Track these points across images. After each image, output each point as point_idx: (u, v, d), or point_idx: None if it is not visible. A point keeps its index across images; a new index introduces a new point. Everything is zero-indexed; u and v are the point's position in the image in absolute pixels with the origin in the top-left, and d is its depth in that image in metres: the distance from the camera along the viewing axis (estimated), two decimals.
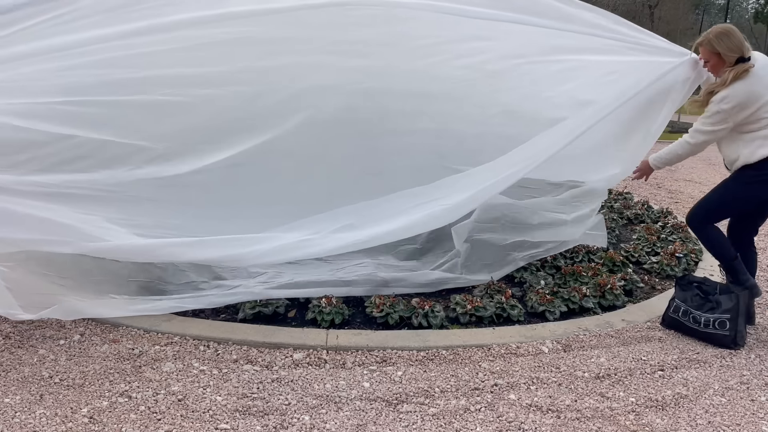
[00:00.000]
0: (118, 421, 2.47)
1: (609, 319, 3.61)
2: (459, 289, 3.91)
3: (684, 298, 3.44)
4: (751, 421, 2.67)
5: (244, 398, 2.66)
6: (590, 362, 3.11)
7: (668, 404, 2.77)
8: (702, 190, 7.97)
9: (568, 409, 2.69)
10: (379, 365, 2.99)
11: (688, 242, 4.96)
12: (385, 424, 2.53)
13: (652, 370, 3.06)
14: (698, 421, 2.65)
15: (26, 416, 2.48)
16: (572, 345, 3.28)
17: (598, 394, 2.82)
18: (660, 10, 44.12)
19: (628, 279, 4.04)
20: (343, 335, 3.23)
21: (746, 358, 3.25)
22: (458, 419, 2.58)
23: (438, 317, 3.41)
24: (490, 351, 3.17)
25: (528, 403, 2.72)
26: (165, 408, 2.57)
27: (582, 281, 3.97)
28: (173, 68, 3.25)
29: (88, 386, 2.71)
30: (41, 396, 2.63)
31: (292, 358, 3.02)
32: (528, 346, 3.24)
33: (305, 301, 3.54)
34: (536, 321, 3.55)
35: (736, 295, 3.33)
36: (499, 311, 3.52)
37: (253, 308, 3.37)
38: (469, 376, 2.92)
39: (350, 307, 3.54)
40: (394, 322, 3.37)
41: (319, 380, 2.83)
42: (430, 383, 2.85)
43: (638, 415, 2.67)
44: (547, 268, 4.25)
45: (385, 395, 2.73)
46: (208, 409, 2.57)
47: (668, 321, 3.53)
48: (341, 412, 2.59)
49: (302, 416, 2.55)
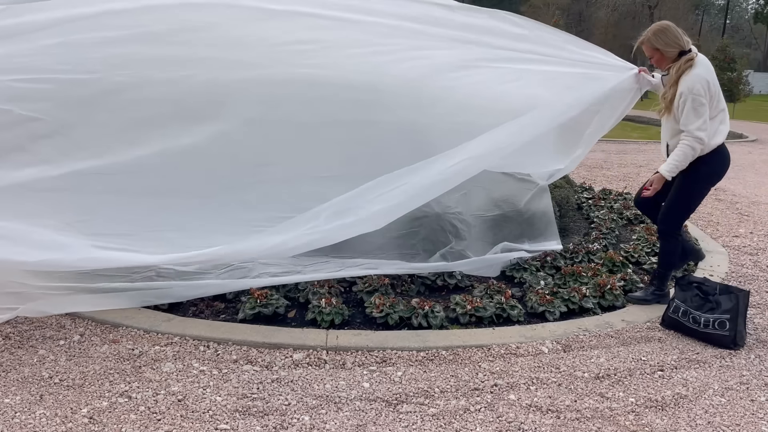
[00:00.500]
0: (118, 421, 2.47)
1: (609, 320, 3.62)
2: (459, 289, 3.92)
3: (684, 299, 3.45)
4: (751, 422, 2.67)
5: (243, 398, 2.66)
6: (590, 362, 3.11)
7: (668, 404, 2.77)
8: None
9: (567, 409, 2.69)
10: (378, 365, 3.00)
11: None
12: (384, 424, 2.53)
13: (652, 371, 3.07)
14: (698, 421, 2.65)
15: (26, 416, 2.48)
16: (572, 345, 3.28)
17: (598, 395, 2.82)
18: (660, 11, 44.13)
19: (628, 279, 4.04)
20: (342, 335, 3.23)
21: (746, 358, 3.25)
22: (458, 419, 2.58)
23: (438, 317, 3.41)
24: (490, 351, 3.17)
25: (528, 403, 2.72)
26: (165, 408, 2.57)
27: (582, 281, 3.97)
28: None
29: (88, 386, 2.71)
30: (41, 396, 2.63)
31: (291, 359, 3.02)
32: (528, 347, 3.24)
33: (305, 302, 3.55)
34: (536, 321, 3.56)
35: (736, 296, 3.34)
36: (498, 311, 3.52)
37: (253, 308, 3.37)
38: (468, 377, 2.92)
39: (350, 307, 3.54)
40: (393, 322, 3.37)
41: (319, 380, 2.84)
42: (430, 383, 2.85)
43: (638, 415, 2.67)
44: (546, 268, 4.25)
45: (384, 395, 2.73)
46: (208, 409, 2.57)
47: (668, 321, 3.53)
48: (341, 413, 2.60)
49: (302, 416, 2.55)
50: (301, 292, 3.66)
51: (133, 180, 3.35)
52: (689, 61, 3.36)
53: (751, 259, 4.97)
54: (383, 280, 3.75)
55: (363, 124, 3.73)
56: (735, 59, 15.42)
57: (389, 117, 3.78)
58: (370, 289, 3.68)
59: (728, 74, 15.15)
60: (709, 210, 6.79)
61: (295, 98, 3.53)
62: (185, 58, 3.38)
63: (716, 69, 12.15)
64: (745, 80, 15.76)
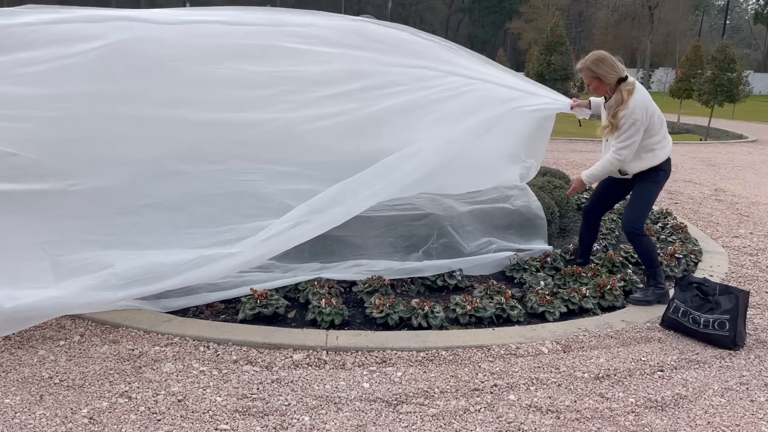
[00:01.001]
0: (118, 421, 2.47)
1: (608, 320, 3.62)
2: (459, 289, 3.93)
3: (683, 299, 3.45)
4: (751, 422, 2.67)
5: (243, 399, 2.66)
6: (590, 363, 3.12)
7: (668, 405, 2.77)
8: (701, 191, 7.99)
9: (567, 409, 2.69)
10: (378, 366, 3.00)
11: (687, 243, 4.96)
12: (384, 424, 2.53)
13: (652, 371, 3.07)
14: (698, 421, 2.65)
15: (26, 417, 2.48)
16: (572, 345, 3.29)
17: (598, 395, 2.82)
18: (660, 11, 44.18)
19: (628, 280, 4.04)
20: (342, 336, 3.23)
21: (746, 358, 3.25)
22: (458, 420, 2.58)
23: (438, 318, 3.41)
24: (490, 352, 3.17)
25: (527, 403, 2.72)
26: (165, 408, 2.57)
27: (581, 282, 3.98)
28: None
29: (88, 387, 2.71)
30: (41, 396, 2.63)
31: (291, 359, 3.02)
32: (528, 347, 3.24)
33: (305, 302, 3.55)
34: (536, 322, 3.56)
35: (736, 296, 3.34)
36: (498, 312, 3.52)
37: (253, 309, 3.37)
38: (468, 377, 2.92)
39: (350, 307, 3.54)
40: (393, 322, 3.38)
41: (319, 381, 2.84)
42: (430, 384, 2.85)
43: (638, 415, 2.67)
44: (546, 268, 4.26)
45: (384, 396, 2.74)
46: (208, 409, 2.58)
47: (668, 322, 3.53)
48: (341, 413, 2.60)
49: (302, 417, 2.55)
50: (301, 292, 3.66)
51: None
52: (629, 87, 3.62)
53: (751, 260, 4.97)
54: (383, 280, 3.76)
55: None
56: (735, 60, 15.37)
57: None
58: (370, 289, 3.69)
59: (728, 75, 15.13)
60: (709, 210, 6.79)
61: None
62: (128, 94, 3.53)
63: (716, 69, 12.20)
64: (745, 81, 15.75)
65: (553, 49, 13.86)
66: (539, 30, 42.36)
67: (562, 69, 13.79)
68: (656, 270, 3.91)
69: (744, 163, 10.96)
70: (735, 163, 10.87)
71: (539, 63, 14.05)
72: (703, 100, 15.70)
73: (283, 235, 3.45)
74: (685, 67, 17.32)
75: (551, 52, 13.85)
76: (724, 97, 15.32)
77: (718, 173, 9.68)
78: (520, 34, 56.41)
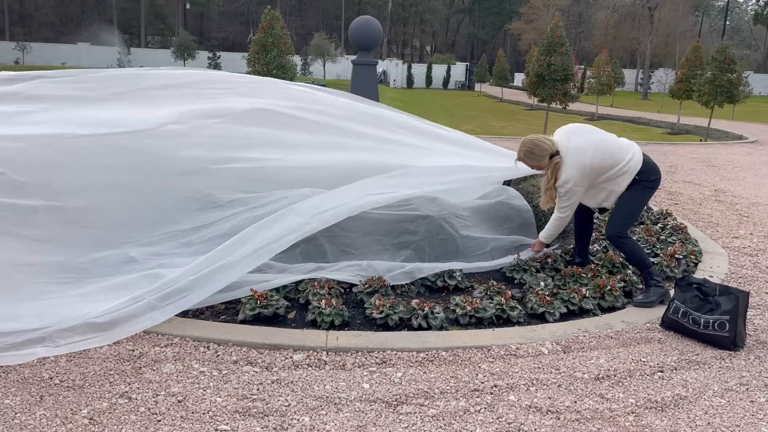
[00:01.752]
0: (118, 422, 2.47)
1: (608, 321, 3.62)
2: (459, 290, 3.93)
3: (683, 300, 3.45)
4: (751, 423, 2.67)
5: (244, 399, 2.66)
6: (590, 363, 3.12)
7: (668, 405, 2.77)
8: (701, 192, 7.99)
9: (567, 410, 2.69)
10: (378, 366, 3.00)
11: (687, 243, 4.96)
12: (384, 425, 2.53)
13: (652, 372, 3.07)
14: (698, 422, 2.65)
15: (26, 417, 2.48)
16: (572, 346, 3.29)
17: (598, 396, 2.82)
18: (660, 12, 44.15)
19: (628, 280, 4.04)
20: (342, 336, 3.23)
21: (746, 359, 3.25)
22: (458, 420, 2.58)
23: (438, 318, 3.41)
24: (490, 352, 3.17)
25: (528, 404, 2.72)
26: (165, 409, 2.57)
27: (582, 282, 3.97)
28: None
29: (88, 387, 2.71)
30: (41, 397, 2.63)
31: (291, 360, 3.02)
32: (528, 348, 3.24)
33: (305, 303, 3.55)
34: (536, 322, 3.56)
35: (735, 297, 3.34)
36: (498, 312, 3.52)
37: (253, 309, 3.37)
38: (468, 378, 2.92)
39: (350, 308, 3.54)
40: (393, 323, 3.38)
41: (319, 381, 2.84)
42: (430, 384, 2.85)
43: (638, 416, 2.67)
44: (546, 269, 4.26)
45: (384, 396, 2.74)
46: (208, 410, 2.58)
47: (668, 322, 3.53)
48: (341, 414, 2.60)
49: (302, 417, 2.56)
50: (301, 293, 3.66)
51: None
52: (557, 161, 3.89)
53: (751, 260, 4.97)
54: (383, 281, 3.76)
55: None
56: (735, 60, 15.38)
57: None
58: (370, 290, 3.69)
59: (728, 76, 15.13)
60: (709, 211, 6.80)
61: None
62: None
63: (716, 70, 12.13)
64: (745, 81, 15.75)
65: (553, 50, 13.82)
66: (539, 31, 42.38)
67: (563, 70, 13.75)
68: (650, 270, 3.95)
69: (744, 163, 10.96)
70: (735, 164, 10.88)
71: (539, 64, 14.00)
72: (703, 100, 15.70)
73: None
74: (685, 67, 17.31)
75: (551, 53, 13.81)
76: (724, 97, 15.32)
77: (718, 174, 9.68)
78: (520, 34, 56.47)
